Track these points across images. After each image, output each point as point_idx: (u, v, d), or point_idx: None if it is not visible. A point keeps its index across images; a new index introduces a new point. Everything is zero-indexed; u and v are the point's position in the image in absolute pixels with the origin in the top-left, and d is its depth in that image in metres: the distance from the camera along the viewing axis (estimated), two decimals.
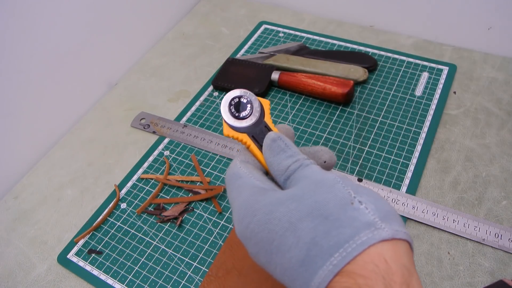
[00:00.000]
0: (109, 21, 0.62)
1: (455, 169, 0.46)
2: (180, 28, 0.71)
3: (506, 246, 0.39)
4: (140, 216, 0.47)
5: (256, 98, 0.30)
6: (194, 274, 0.41)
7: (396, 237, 0.21)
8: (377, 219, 0.22)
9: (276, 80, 0.56)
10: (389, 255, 0.21)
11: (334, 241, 0.22)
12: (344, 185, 0.24)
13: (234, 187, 0.28)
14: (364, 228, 0.21)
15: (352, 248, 0.21)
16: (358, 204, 0.23)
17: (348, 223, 0.22)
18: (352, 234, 0.21)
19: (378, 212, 0.22)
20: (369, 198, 0.23)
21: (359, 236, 0.21)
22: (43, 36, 0.52)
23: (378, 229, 0.21)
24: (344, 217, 0.22)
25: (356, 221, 0.22)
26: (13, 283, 0.43)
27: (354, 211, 0.22)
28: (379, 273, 0.20)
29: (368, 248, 0.21)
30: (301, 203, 0.24)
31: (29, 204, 0.50)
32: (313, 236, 0.22)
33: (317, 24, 0.67)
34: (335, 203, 0.23)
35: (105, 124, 0.58)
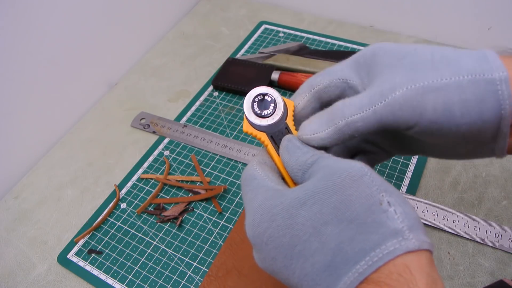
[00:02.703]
0: (109, 21, 0.62)
1: (455, 169, 0.46)
2: (180, 28, 0.71)
3: (506, 246, 0.39)
4: (140, 216, 0.47)
5: (281, 98, 0.29)
6: (194, 274, 0.41)
7: (421, 248, 0.21)
8: (405, 227, 0.21)
9: (276, 80, 0.56)
10: (414, 266, 0.20)
11: (359, 248, 0.21)
12: (372, 179, 0.22)
13: (249, 189, 0.27)
14: (392, 237, 0.21)
15: (379, 258, 0.20)
16: (386, 206, 0.21)
17: (375, 228, 0.21)
18: (379, 242, 0.21)
19: (406, 219, 0.21)
20: (397, 199, 0.22)
21: (386, 245, 0.20)
22: (43, 36, 0.52)
23: (406, 239, 0.21)
24: (371, 220, 0.21)
25: (383, 227, 0.21)
26: (13, 283, 0.43)
27: (382, 214, 0.21)
28: (404, 283, 0.20)
29: (395, 258, 0.20)
30: (324, 204, 0.22)
31: (29, 204, 0.50)
32: (339, 242, 0.21)
33: (317, 24, 0.67)
34: (362, 203, 0.22)
35: (105, 124, 0.58)
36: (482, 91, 0.22)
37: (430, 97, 0.23)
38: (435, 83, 0.23)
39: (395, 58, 0.25)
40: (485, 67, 0.22)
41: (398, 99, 0.23)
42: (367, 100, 0.24)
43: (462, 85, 0.22)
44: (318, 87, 0.28)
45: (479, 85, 0.22)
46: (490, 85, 0.22)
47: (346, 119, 0.24)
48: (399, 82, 0.23)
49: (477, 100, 0.22)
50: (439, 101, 0.22)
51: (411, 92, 0.23)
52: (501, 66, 0.22)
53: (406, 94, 0.23)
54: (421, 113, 0.23)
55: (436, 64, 0.23)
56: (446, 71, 0.23)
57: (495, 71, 0.22)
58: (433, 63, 0.23)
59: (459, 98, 0.22)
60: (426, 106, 0.23)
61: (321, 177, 0.23)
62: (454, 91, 0.22)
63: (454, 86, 0.22)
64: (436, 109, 0.23)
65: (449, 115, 0.23)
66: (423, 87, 0.23)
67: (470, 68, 0.23)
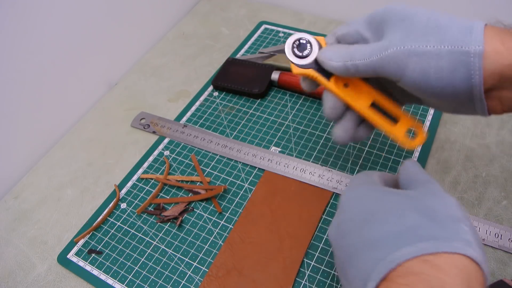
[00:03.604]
0: (109, 21, 0.62)
1: (455, 169, 0.46)
2: (180, 28, 0.71)
3: (506, 246, 0.39)
4: (140, 216, 0.47)
5: (313, 37, 0.35)
6: (194, 274, 0.41)
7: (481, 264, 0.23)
8: (474, 242, 0.24)
9: (276, 80, 0.56)
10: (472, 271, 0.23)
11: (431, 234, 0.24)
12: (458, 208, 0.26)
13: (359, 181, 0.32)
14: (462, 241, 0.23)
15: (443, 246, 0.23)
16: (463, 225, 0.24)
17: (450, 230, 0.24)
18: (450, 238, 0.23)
19: (476, 241, 0.24)
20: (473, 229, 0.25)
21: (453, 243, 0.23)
22: (43, 36, 0.52)
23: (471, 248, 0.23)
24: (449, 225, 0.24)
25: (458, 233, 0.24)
26: (13, 283, 0.43)
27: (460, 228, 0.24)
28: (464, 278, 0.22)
29: (458, 254, 0.23)
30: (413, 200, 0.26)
31: (29, 204, 0.50)
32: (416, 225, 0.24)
33: (317, 24, 0.67)
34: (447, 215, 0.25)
35: (105, 124, 0.58)
36: (456, 61, 0.26)
37: (412, 59, 0.27)
38: (419, 48, 0.27)
39: (399, 19, 0.29)
40: (466, 39, 0.26)
41: (388, 56, 0.28)
42: (369, 51, 0.30)
43: (441, 54, 0.26)
44: (338, 34, 0.34)
45: (454, 56, 0.26)
46: (464, 56, 0.25)
47: (353, 61, 0.30)
48: (393, 42, 0.28)
49: (450, 68, 0.26)
50: (418, 64, 0.27)
51: (398, 52, 0.28)
52: (480, 40, 0.25)
53: (395, 53, 0.28)
54: (403, 70, 0.28)
55: (427, 30, 0.27)
56: (432, 38, 0.27)
57: (472, 45, 0.25)
58: (425, 28, 0.27)
59: (435, 64, 0.26)
60: (408, 66, 0.27)
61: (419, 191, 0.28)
62: (433, 58, 0.26)
63: (434, 54, 0.26)
64: (414, 70, 0.27)
65: (425, 78, 0.27)
66: (408, 50, 0.27)
67: (452, 38, 0.26)
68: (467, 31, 0.26)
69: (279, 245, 0.42)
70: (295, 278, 0.40)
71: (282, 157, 0.49)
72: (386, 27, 0.30)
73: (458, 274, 0.22)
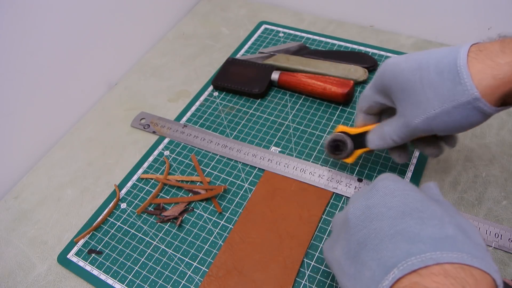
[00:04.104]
0: (109, 21, 0.62)
1: (455, 169, 0.46)
2: (180, 28, 0.71)
3: (506, 246, 0.39)
4: (140, 216, 0.47)
5: (336, 132, 0.43)
6: (194, 274, 0.41)
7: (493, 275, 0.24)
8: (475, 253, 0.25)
9: (276, 80, 0.56)
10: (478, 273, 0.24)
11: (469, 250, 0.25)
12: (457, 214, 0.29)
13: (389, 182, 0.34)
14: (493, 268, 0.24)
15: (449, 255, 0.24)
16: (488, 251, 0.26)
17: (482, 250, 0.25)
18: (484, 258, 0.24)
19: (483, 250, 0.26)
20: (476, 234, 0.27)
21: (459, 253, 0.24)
22: (43, 36, 0.52)
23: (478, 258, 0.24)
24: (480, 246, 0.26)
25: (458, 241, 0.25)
26: (13, 283, 0.43)
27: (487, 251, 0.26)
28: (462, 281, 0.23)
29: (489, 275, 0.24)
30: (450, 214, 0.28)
31: (29, 204, 0.50)
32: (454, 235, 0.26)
33: (317, 24, 0.67)
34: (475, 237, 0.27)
35: (105, 124, 0.58)
36: (464, 111, 0.31)
37: (432, 123, 0.33)
38: (431, 113, 0.33)
39: (399, 90, 0.35)
40: (459, 89, 0.31)
41: (415, 129, 0.35)
42: (398, 130, 0.37)
43: (449, 111, 0.32)
44: (364, 109, 0.42)
45: (460, 108, 0.31)
46: (467, 105, 0.31)
47: (392, 139, 0.38)
48: (409, 117, 0.35)
49: (463, 117, 0.32)
50: (439, 124, 0.33)
51: (419, 124, 0.34)
52: (471, 86, 0.30)
53: (418, 125, 0.34)
54: (432, 130, 0.34)
55: (427, 94, 0.33)
56: (435, 102, 0.32)
57: (467, 93, 0.30)
58: (424, 93, 0.33)
59: (450, 120, 0.32)
60: (433, 127, 0.34)
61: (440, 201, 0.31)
62: (445, 116, 0.32)
63: (444, 113, 0.32)
64: (439, 128, 0.34)
65: (450, 129, 0.33)
66: (425, 119, 0.33)
67: (449, 94, 0.31)
68: (456, 81, 0.31)
69: (279, 245, 0.42)
70: (295, 278, 0.40)
71: (282, 157, 0.49)
72: (393, 96, 0.36)
73: (460, 279, 0.23)
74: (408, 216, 0.28)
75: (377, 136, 0.40)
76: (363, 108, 0.41)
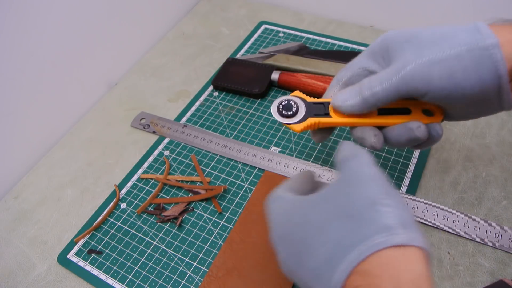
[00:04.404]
0: (109, 21, 0.62)
1: (455, 169, 0.46)
2: (180, 28, 0.71)
3: (506, 246, 0.39)
4: (140, 216, 0.47)
5: (290, 95, 0.35)
6: (194, 274, 0.41)
7: (410, 243, 0.22)
8: (396, 224, 0.23)
9: (276, 80, 0.56)
10: (400, 260, 0.22)
11: (354, 240, 0.23)
12: (375, 185, 0.25)
13: (276, 206, 0.30)
14: (382, 230, 0.22)
15: (367, 248, 0.22)
16: (381, 206, 0.24)
17: (369, 223, 0.23)
18: (370, 234, 0.22)
19: (399, 218, 0.23)
20: (395, 202, 0.24)
21: (375, 237, 0.22)
22: (43, 36, 0.52)
23: (394, 234, 0.22)
24: (367, 217, 0.23)
25: (376, 222, 0.23)
26: (13, 283, 0.43)
27: (376, 212, 0.23)
28: (389, 275, 0.21)
29: (382, 250, 0.22)
30: (333, 204, 0.25)
31: (29, 204, 0.50)
32: (339, 236, 0.24)
33: (317, 24, 0.67)
34: (363, 202, 0.24)
35: (105, 124, 0.58)
36: (478, 56, 0.26)
37: (436, 68, 0.27)
38: (438, 55, 0.27)
39: (403, 41, 0.29)
40: (478, 37, 0.27)
41: (410, 72, 0.28)
42: (386, 76, 0.29)
43: (461, 54, 0.27)
44: (344, 79, 0.34)
45: (475, 52, 0.26)
46: (484, 50, 0.26)
47: (371, 90, 0.30)
48: (409, 59, 0.28)
49: (475, 65, 0.26)
50: (444, 70, 0.27)
51: (419, 66, 0.28)
52: (491, 34, 0.26)
53: (416, 67, 0.28)
54: (429, 82, 0.27)
55: (437, 41, 0.28)
56: (446, 45, 0.27)
57: (487, 39, 0.26)
58: (434, 40, 0.28)
59: (459, 65, 0.27)
60: (433, 75, 0.27)
61: (337, 181, 0.27)
62: (454, 60, 0.27)
63: (454, 56, 0.27)
64: (442, 77, 0.27)
65: (453, 81, 0.27)
66: (429, 60, 0.27)
67: (466, 39, 0.27)
68: (475, 30, 0.27)
69: None
70: None
71: (282, 157, 0.49)
72: (393, 53, 0.30)
73: (387, 271, 0.21)
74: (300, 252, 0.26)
75: (350, 90, 0.32)
76: (343, 78, 0.34)
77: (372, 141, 0.32)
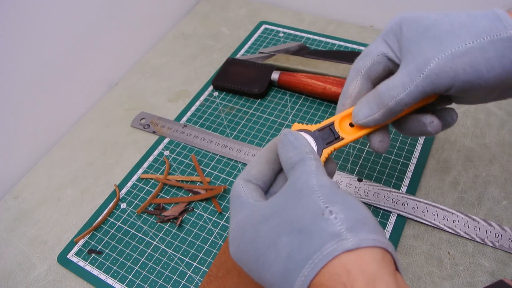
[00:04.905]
0: (109, 21, 0.62)
1: (455, 169, 0.46)
2: (180, 28, 0.71)
3: (506, 246, 0.39)
4: (140, 216, 0.47)
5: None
6: (194, 274, 0.41)
7: (361, 245, 0.21)
8: (343, 229, 0.22)
9: (276, 80, 0.56)
10: (352, 265, 0.21)
11: (305, 254, 0.22)
12: (320, 195, 0.24)
13: (234, 206, 0.29)
14: (330, 239, 0.22)
15: (319, 260, 0.21)
16: (328, 214, 0.23)
17: (317, 234, 0.22)
18: (320, 246, 0.22)
19: (346, 222, 0.22)
20: (342, 207, 0.23)
21: (325, 247, 0.22)
22: (43, 36, 0.52)
23: (343, 239, 0.22)
24: (315, 228, 0.23)
25: (324, 232, 0.22)
26: (13, 283, 0.43)
27: (323, 222, 0.23)
28: (342, 283, 0.21)
29: (333, 259, 0.21)
30: (282, 218, 0.24)
31: (29, 204, 0.50)
32: (289, 250, 0.23)
33: (317, 24, 0.67)
34: (309, 215, 0.23)
35: (105, 124, 0.58)
36: (501, 47, 0.26)
37: (459, 61, 0.26)
38: (460, 48, 0.26)
39: (420, 32, 0.28)
40: (499, 26, 0.26)
41: (434, 70, 0.27)
42: (407, 78, 0.28)
43: (484, 46, 0.26)
44: (365, 69, 0.31)
45: (498, 43, 0.26)
46: (507, 41, 0.26)
47: (395, 99, 0.28)
48: (430, 54, 0.27)
49: (498, 56, 0.26)
50: (467, 63, 0.26)
51: (442, 61, 0.26)
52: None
53: (439, 63, 0.26)
54: (454, 76, 0.26)
55: (457, 32, 0.27)
56: (467, 36, 0.26)
57: (509, 29, 0.26)
58: (453, 31, 0.27)
59: (483, 57, 0.26)
60: (458, 69, 0.26)
61: (286, 190, 0.26)
62: (478, 52, 0.26)
63: (477, 48, 0.26)
64: (466, 70, 0.26)
65: (478, 73, 0.26)
66: (451, 54, 0.26)
67: (487, 29, 0.26)
68: (496, 19, 0.26)
69: None
70: None
71: None
72: (408, 44, 0.28)
73: (338, 281, 0.21)
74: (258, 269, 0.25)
75: (368, 102, 0.30)
76: (363, 68, 0.31)
77: (376, 146, 0.31)
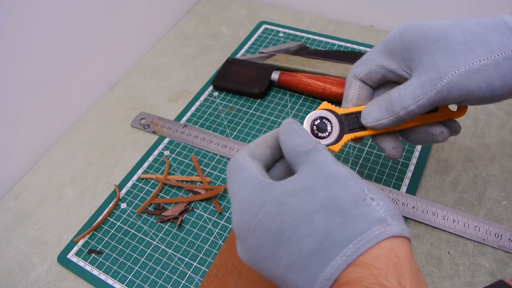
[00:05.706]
0: (109, 21, 0.62)
1: (455, 169, 0.46)
2: (180, 28, 0.71)
3: (506, 246, 0.39)
4: (140, 216, 0.47)
5: (319, 109, 0.33)
6: (194, 274, 0.41)
7: (403, 234, 0.23)
8: (388, 216, 0.23)
9: (276, 80, 0.56)
10: (400, 250, 0.22)
11: (348, 234, 0.22)
12: (356, 182, 0.25)
13: (238, 178, 0.28)
14: (377, 223, 0.22)
15: (366, 241, 0.22)
16: (370, 201, 0.23)
17: (361, 217, 0.23)
18: (366, 228, 0.22)
19: (388, 210, 0.23)
20: (379, 196, 0.24)
21: (372, 230, 0.22)
22: (43, 36, 0.52)
23: (390, 225, 0.22)
24: (358, 211, 0.23)
25: (369, 216, 0.23)
26: (13, 283, 0.43)
27: (367, 207, 0.23)
28: (391, 265, 0.21)
29: (381, 242, 0.22)
30: (314, 197, 0.24)
31: (29, 204, 0.50)
32: (328, 228, 0.23)
33: (317, 24, 0.67)
34: (349, 199, 0.24)
35: (105, 124, 0.58)
36: None
37: (474, 78, 0.26)
38: (475, 65, 0.26)
39: (429, 42, 0.28)
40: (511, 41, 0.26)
41: (447, 86, 0.27)
42: (420, 91, 0.28)
43: (499, 63, 0.26)
44: (361, 75, 0.33)
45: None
46: None
47: (406, 109, 0.29)
48: (443, 68, 0.27)
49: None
50: (482, 81, 0.26)
51: (456, 78, 0.27)
52: None
53: (453, 80, 0.27)
54: (468, 93, 0.27)
55: (470, 45, 0.27)
56: (481, 52, 0.26)
57: None
58: (466, 44, 0.27)
59: (497, 74, 0.26)
60: (472, 86, 0.27)
61: (311, 173, 0.26)
62: (492, 69, 0.26)
63: (492, 65, 0.26)
64: (480, 87, 0.27)
65: (492, 89, 0.27)
66: (466, 71, 0.26)
67: (501, 44, 0.26)
68: (506, 29, 0.27)
69: None
70: None
71: None
72: (418, 55, 0.28)
73: (387, 262, 0.21)
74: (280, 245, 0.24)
75: (379, 106, 0.31)
76: (360, 74, 0.32)
77: (392, 153, 0.33)
